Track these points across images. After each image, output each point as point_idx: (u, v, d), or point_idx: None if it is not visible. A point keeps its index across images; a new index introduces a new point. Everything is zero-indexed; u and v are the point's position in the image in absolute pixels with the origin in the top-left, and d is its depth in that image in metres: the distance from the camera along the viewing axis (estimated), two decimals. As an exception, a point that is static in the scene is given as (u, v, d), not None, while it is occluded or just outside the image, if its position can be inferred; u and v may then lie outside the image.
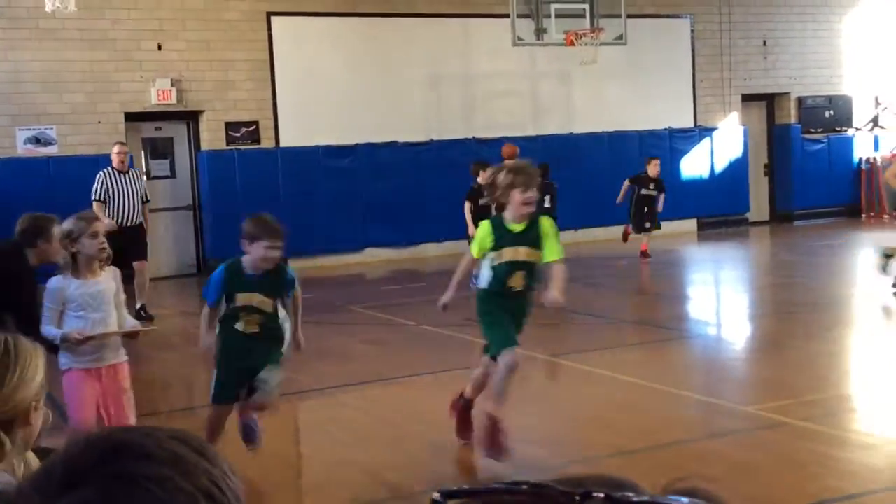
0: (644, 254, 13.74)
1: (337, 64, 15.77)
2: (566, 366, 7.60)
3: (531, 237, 5.14)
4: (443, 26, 16.40)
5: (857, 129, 19.48)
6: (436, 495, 0.82)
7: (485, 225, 5.31)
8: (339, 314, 10.95)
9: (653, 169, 13.91)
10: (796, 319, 9.51)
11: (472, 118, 16.41)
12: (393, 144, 16.07)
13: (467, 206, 11.18)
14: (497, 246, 5.15)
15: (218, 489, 0.91)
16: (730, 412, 5.96)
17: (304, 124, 15.56)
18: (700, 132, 18.14)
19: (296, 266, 15.22)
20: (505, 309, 5.24)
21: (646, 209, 13.73)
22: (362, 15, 15.89)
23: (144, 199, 11.32)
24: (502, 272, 5.14)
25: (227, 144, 15.19)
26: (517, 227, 5.13)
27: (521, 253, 5.13)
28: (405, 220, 16.05)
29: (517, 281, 5.18)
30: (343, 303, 11.64)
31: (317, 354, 8.66)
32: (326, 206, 15.59)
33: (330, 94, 15.71)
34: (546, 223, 5.23)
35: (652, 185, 13.81)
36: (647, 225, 13.76)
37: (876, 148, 19.06)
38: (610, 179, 15.36)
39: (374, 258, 15.90)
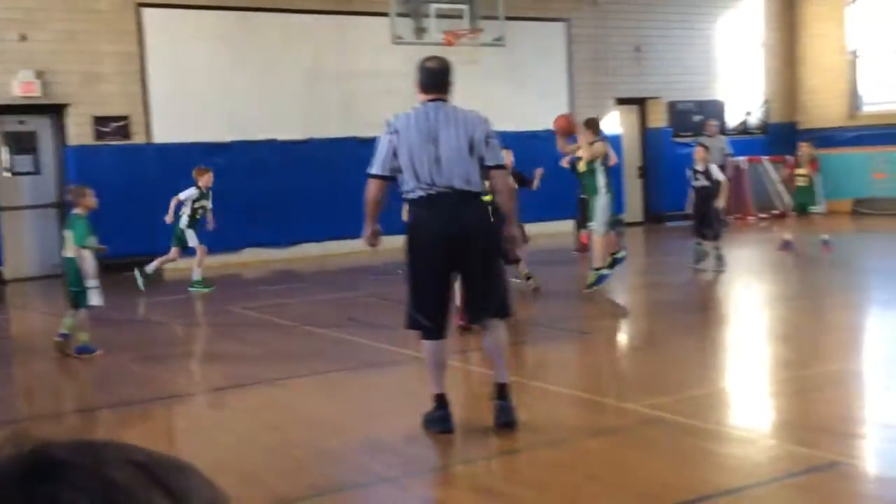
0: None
1: (213, 59, 15.41)
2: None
3: None
4: (322, 23, 16.21)
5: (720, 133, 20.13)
6: None
7: None
8: (216, 316, 10.68)
9: None
10: (673, 316, 9.77)
11: (352, 117, 16.26)
12: (272, 142, 15.80)
13: None
14: None
15: None
16: (610, 409, 6.03)
17: (178, 120, 15.13)
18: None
19: (173, 267, 14.89)
20: None
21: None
22: (239, 9, 15.57)
23: None
24: None
25: (96, 140, 14.62)
26: None
27: None
28: (285, 219, 15.80)
29: None
30: (222, 304, 11.36)
31: (197, 356, 8.43)
32: (202, 205, 15.17)
33: (205, 89, 15.34)
34: None
35: None
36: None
37: (738, 152, 19.70)
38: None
39: (254, 258, 15.59)
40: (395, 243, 6.01)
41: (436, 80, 5.53)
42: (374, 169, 5.47)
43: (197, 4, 15.28)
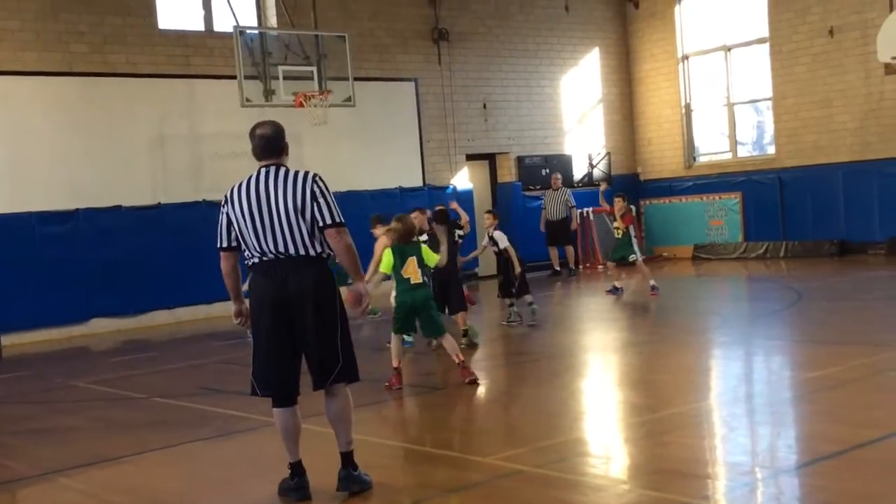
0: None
1: (53, 126, 14.95)
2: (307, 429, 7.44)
3: None
4: (167, 87, 15.97)
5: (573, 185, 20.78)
6: None
7: None
8: (59, 392, 10.20)
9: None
10: (525, 367, 9.91)
11: (201, 180, 16.00)
12: (118, 209, 15.36)
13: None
14: None
15: None
16: (469, 464, 6.04)
17: (17, 189, 14.56)
18: (429, 190, 18.68)
19: (10, 342, 14.16)
20: None
21: None
22: (80, 75, 15.20)
23: None
24: None
25: (-74, 212, 13.90)
26: None
27: None
28: (133, 287, 15.34)
29: None
30: (64, 379, 10.86)
31: (38, 437, 7.99)
32: (44, 277, 14.60)
33: (46, 157, 14.86)
34: None
35: None
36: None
37: (585, 203, 20.37)
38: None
39: (102, 329, 15.05)
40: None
41: (268, 146, 5.47)
42: (217, 242, 5.46)
43: (35, 71, 14.83)
